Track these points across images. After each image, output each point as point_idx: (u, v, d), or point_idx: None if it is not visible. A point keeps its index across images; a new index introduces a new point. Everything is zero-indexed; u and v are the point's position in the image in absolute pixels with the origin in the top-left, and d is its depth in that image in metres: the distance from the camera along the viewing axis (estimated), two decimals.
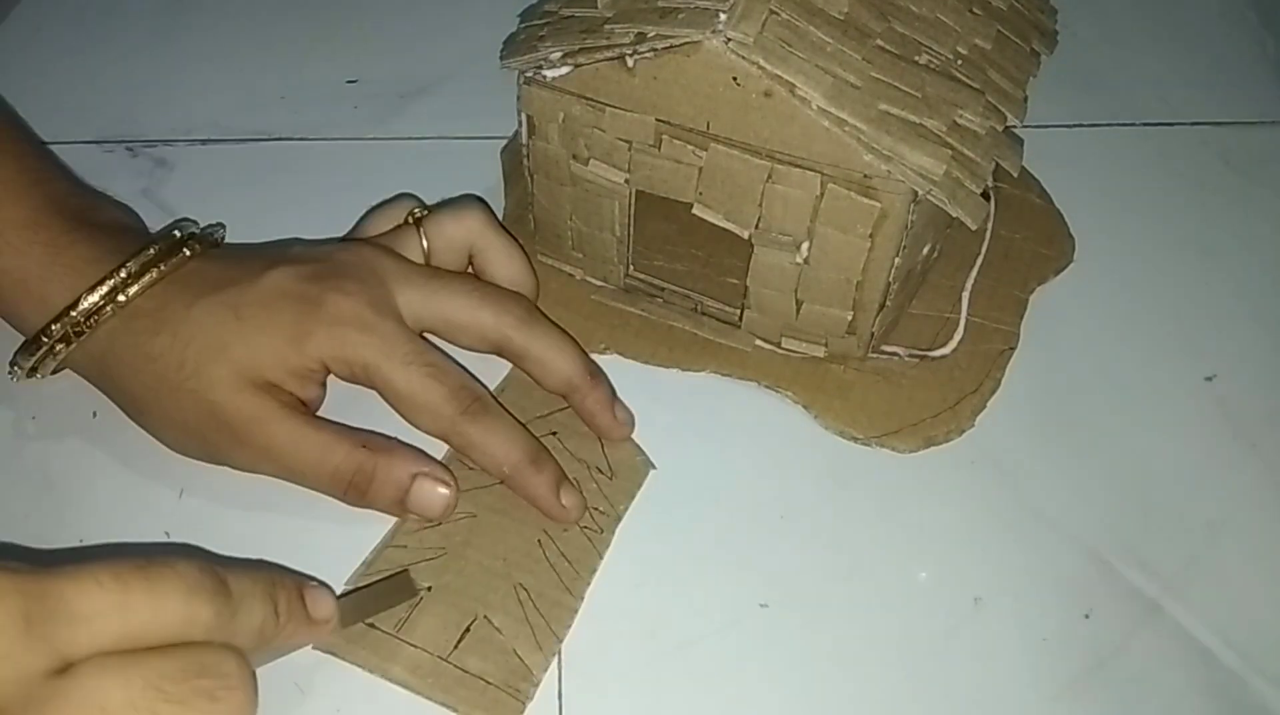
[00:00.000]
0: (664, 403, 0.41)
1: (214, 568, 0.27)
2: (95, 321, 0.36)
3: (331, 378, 0.38)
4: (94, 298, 0.36)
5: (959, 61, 0.37)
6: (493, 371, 0.40)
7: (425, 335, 0.38)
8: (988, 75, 0.37)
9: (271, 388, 0.36)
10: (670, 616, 0.36)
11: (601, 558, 0.37)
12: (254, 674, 0.27)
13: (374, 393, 0.37)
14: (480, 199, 0.43)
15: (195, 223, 0.39)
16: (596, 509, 0.38)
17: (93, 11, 0.55)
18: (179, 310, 0.36)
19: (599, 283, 0.44)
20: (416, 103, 0.52)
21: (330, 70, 0.53)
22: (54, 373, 0.38)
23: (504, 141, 0.49)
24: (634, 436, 0.40)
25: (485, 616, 0.35)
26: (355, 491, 0.36)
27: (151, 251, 0.37)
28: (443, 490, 0.36)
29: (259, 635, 0.28)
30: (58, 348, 0.36)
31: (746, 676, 0.35)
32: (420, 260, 0.40)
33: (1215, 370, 0.43)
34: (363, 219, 0.42)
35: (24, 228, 0.37)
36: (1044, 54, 0.40)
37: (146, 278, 0.36)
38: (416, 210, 0.41)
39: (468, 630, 0.34)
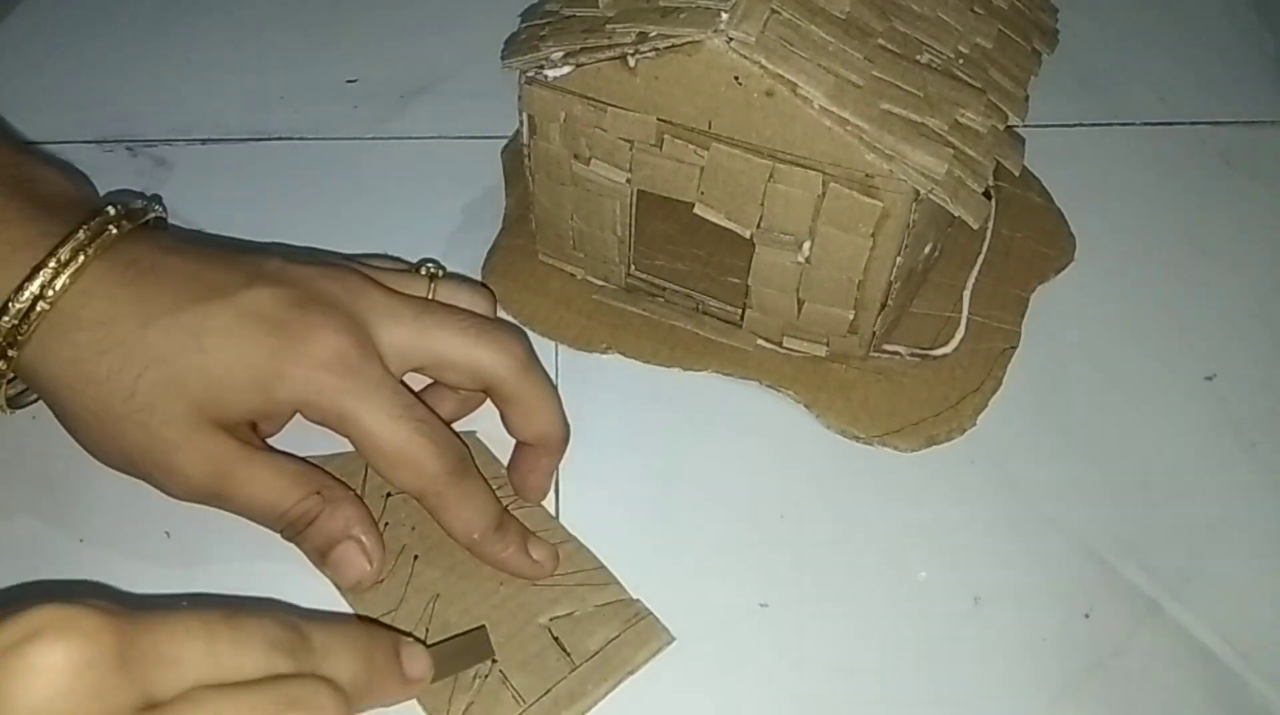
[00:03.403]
0: (665, 402, 0.41)
1: (299, 623, 0.26)
2: (27, 327, 0.32)
3: None
4: (24, 298, 0.31)
5: (960, 60, 0.37)
6: None
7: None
8: (989, 74, 0.37)
9: (230, 426, 0.33)
10: (670, 616, 0.36)
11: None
12: (348, 705, 0.26)
13: None
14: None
15: (140, 196, 0.36)
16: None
17: (93, 11, 0.55)
18: (132, 329, 0.32)
19: (600, 282, 0.44)
20: (416, 103, 0.52)
21: (330, 70, 0.53)
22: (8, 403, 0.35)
23: (504, 141, 0.49)
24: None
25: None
26: (290, 530, 0.34)
27: (81, 234, 0.32)
28: (363, 565, 0.34)
29: (349, 688, 0.27)
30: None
31: (746, 676, 0.35)
32: None
33: (1215, 370, 0.43)
34: (369, 258, 0.40)
35: None
36: (1045, 53, 0.40)
37: (72, 267, 0.32)
38: (432, 266, 0.39)
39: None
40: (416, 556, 0.36)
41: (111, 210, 0.33)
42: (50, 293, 0.32)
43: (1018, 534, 0.38)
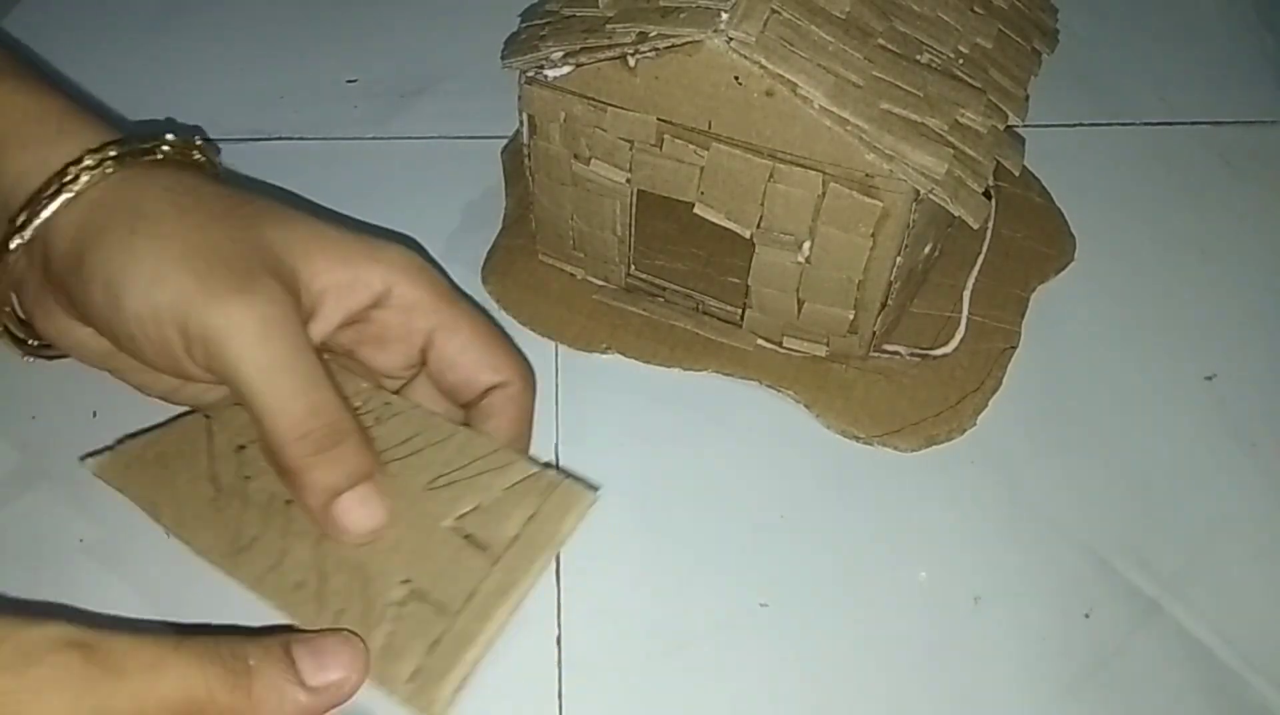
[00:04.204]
0: (665, 402, 0.41)
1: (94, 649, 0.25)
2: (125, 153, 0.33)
3: None
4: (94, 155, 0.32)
5: (960, 60, 0.37)
6: None
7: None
8: (989, 74, 0.37)
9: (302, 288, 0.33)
10: (670, 616, 0.36)
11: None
12: None
13: None
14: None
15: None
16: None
17: (93, 11, 0.55)
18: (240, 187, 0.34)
19: (600, 282, 0.44)
20: (416, 103, 0.52)
21: (330, 70, 0.53)
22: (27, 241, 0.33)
23: (504, 141, 0.49)
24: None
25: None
26: (308, 444, 0.30)
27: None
28: (379, 516, 0.31)
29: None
30: (82, 173, 0.32)
31: (746, 676, 0.35)
32: None
33: (1215, 370, 0.43)
34: None
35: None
36: (1045, 53, 0.40)
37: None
38: None
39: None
40: (289, 501, 0.32)
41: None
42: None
43: (1018, 534, 0.38)
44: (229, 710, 0.27)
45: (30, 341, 0.37)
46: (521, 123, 0.40)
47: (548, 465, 0.33)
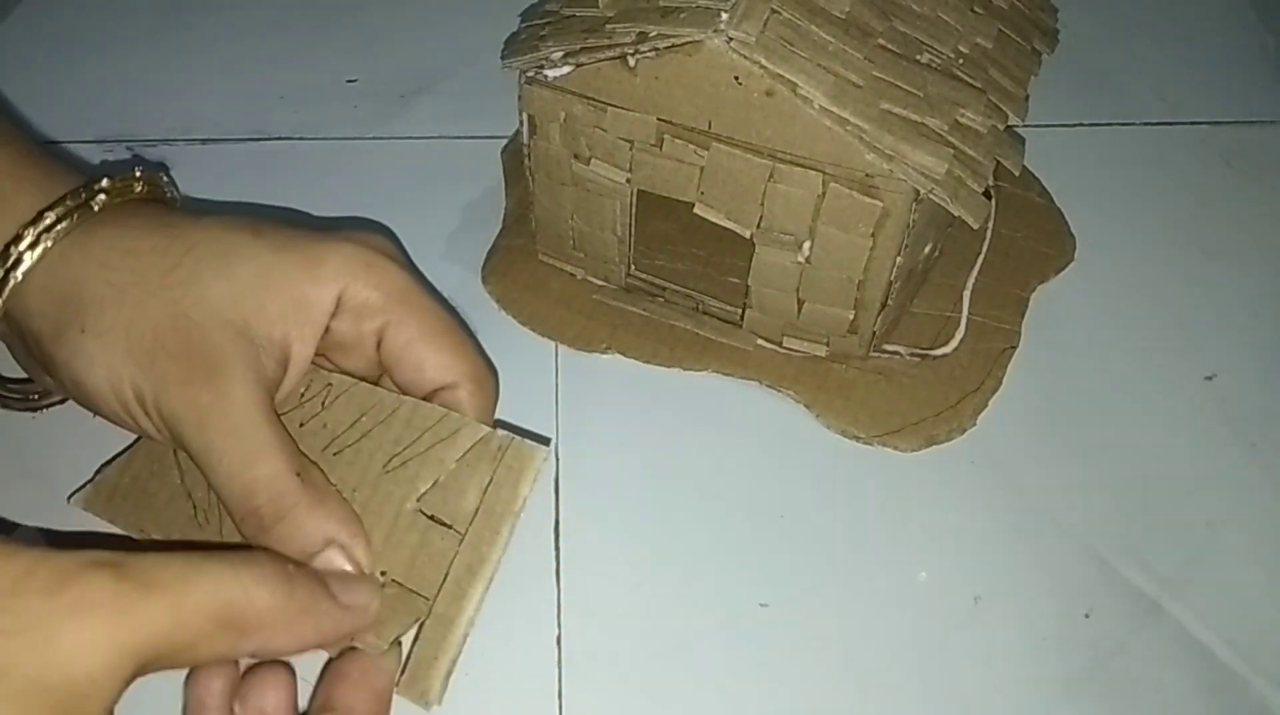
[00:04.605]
0: (665, 402, 0.41)
1: None
2: (71, 220, 0.33)
3: None
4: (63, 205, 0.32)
5: (960, 60, 0.37)
6: None
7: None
8: (989, 74, 0.37)
9: (258, 342, 0.32)
10: (670, 616, 0.36)
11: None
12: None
13: None
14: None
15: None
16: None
17: (93, 11, 0.55)
18: (183, 218, 0.33)
19: (600, 282, 0.44)
20: (416, 103, 0.52)
21: (330, 70, 0.53)
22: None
23: (504, 141, 0.49)
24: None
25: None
26: (254, 522, 0.30)
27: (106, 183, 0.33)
28: (349, 570, 0.31)
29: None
30: (24, 255, 0.32)
31: (746, 676, 0.35)
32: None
33: (1215, 370, 0.43)
34: None
35: None
36: (1045, 53, 0.40)
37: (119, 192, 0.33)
38: None
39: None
40: None
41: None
42: (100, 198, 0.33)
43: (1018, 533, 0.38)
44: (269, 613, 0.27)
45: (30, 396, 0.38)
46: (521, 123, 0.40)
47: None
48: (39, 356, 0.34)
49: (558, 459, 0.39)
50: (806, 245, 0.37)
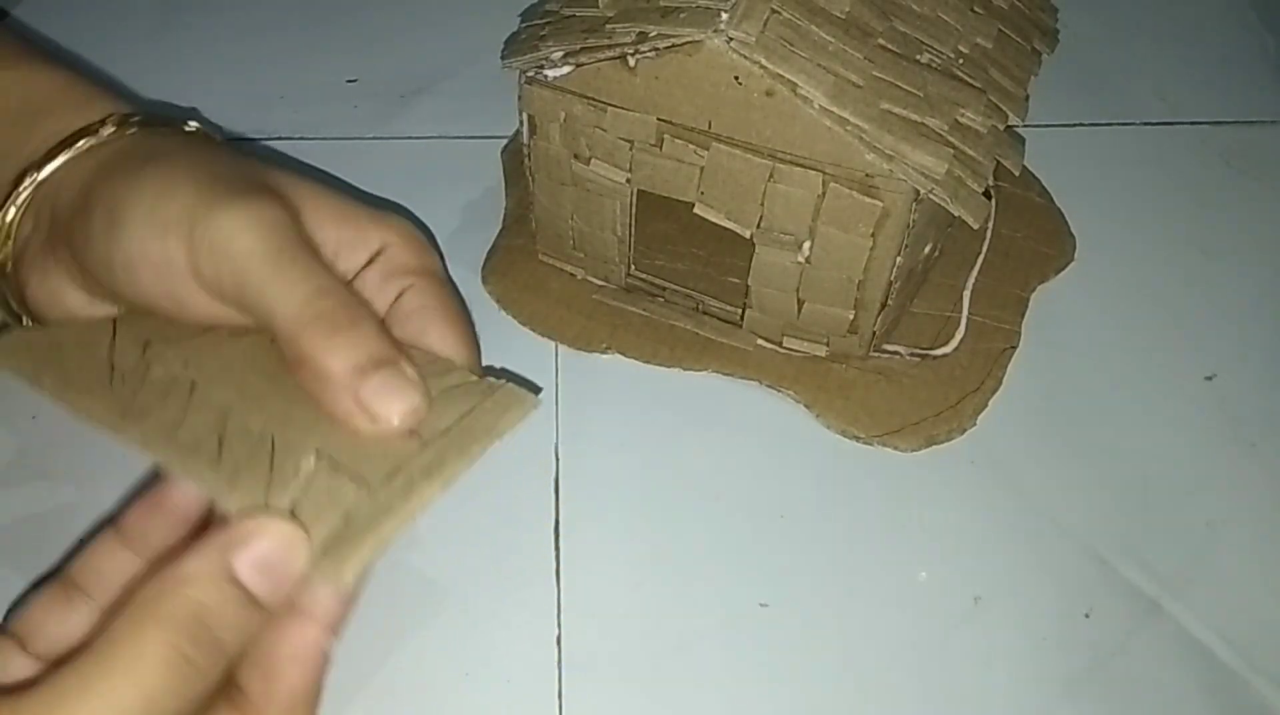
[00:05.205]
0: (665, 402, 0.41)
1: None
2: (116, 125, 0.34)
3: None
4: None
5: (960, 60, 0.37)
6: None
7: None
8: (989, 74, 0.37)
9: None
10: (670, 616, 0.36)
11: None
12: None
13: None
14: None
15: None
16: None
17: (93, 11, 0.55)
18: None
19: (600, 282, 0.44)
20: (416, 103, 0.52)
21: (330, 70, 0.53)
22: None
23: (504, 141, 0.49)
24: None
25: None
26: (324, 325, 0.29)
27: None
28: (416, 396, 0.29)
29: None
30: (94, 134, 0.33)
31: (746, 676, 0.35)
32: None
33: (1215, 370, 0.43)
34: None
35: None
36: (1045, 53, 0.40)
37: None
38: None
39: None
40: (194, 383, 0.30)
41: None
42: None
43: (1018, 533, 0.38)
44: (215, 679, 0.26)
45: (16, 320, 0.36)
46: (521, 123, 0.40)
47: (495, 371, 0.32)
48: (60, 225, 0.33)
49: (558, 459, 0.39)
50: (806, 245, 0.37)
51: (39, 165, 0.33)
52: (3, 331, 0.34)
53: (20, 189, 0.33)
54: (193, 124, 0.36)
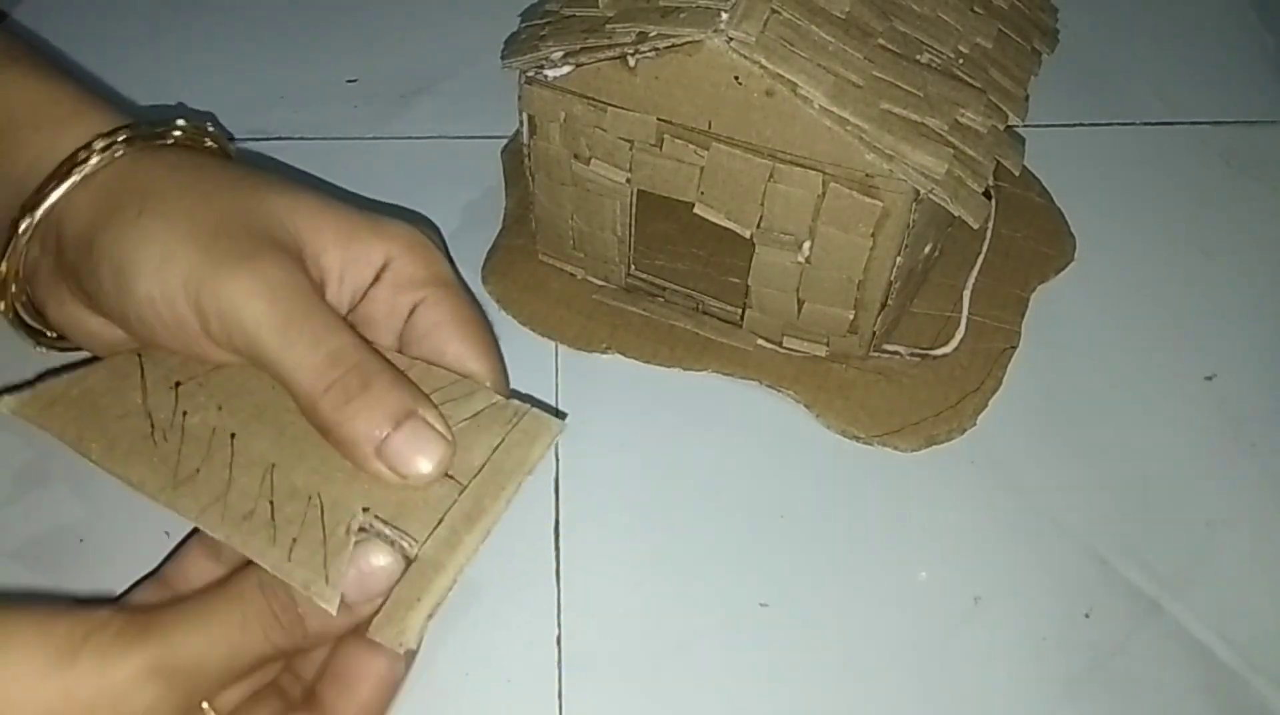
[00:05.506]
0: (665, 402, 0.41)
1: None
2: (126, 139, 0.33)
3: None
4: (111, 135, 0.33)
5: (960, 60, 0.37)
6: None
7: None
8: (989, 74, 0.37)
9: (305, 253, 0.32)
10: (670, 616, 0.36)
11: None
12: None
13: None
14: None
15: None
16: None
17: (93, 11, 0.55)
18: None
19: (600, 282, 0.44)
20: (416, 103, 0.52)
21: (330, 70, 0.53)
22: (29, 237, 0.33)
23: (504, 141, 0.49)
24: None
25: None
26: (337, 394, 0.29)
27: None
28: (441, 446, 0.30)
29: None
30: (93, 156, 0.32)
31: (746, 676, 0.35)
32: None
33: (1215, 370, 0.43)
34: None
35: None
36: (1045, 53, 0.40)
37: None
38: None
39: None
40: (234, 434, 0.31)
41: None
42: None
43: (1018, 533, 0.38)
44: (291, 650, 0.29)
45: (45, 332, 0.36)
46: (521, 123, 0.40)
47: (522, 396, 0.32)
48: (68, 264, 0.33)
49: (558, 459, 0.39)
50: (806, 245, 0.37)
51: (31, 208, 0.33)
52: (32, 381, 0.34)
53: (19, 236, 0.33)
54: (179, 127, 0.35)
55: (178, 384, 0.32)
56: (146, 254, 0.31)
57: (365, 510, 0.29)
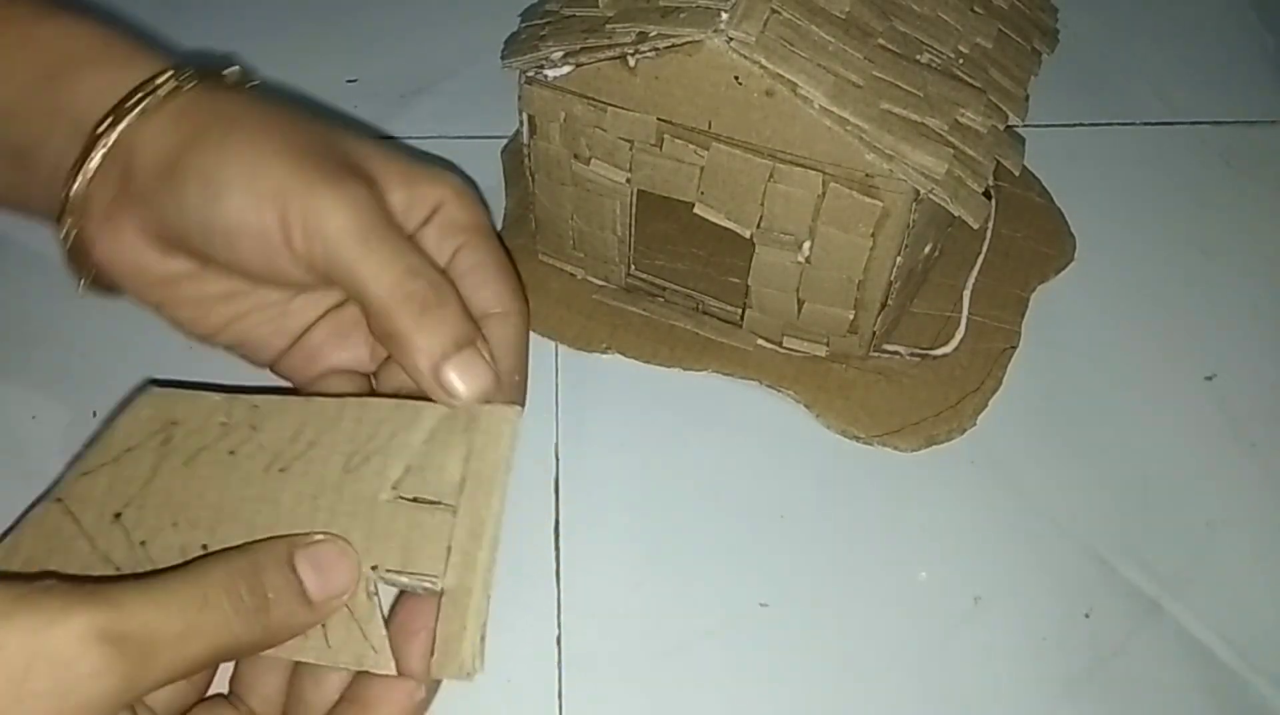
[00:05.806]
0: (665, 402, 0.41)
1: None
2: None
3: None
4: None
5: (960, 60, 0.37)
6: None
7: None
8: (989, 74, 0.37)
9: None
10: (670, 616, 0.36)
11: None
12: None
13: None
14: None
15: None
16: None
17: (93, 11, 0.55)
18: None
19: (600, 282, 0.44)
20: (416, 103, 0.52)
21: (330, 70, 0.53)
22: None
23: (504, 141, 0.49)
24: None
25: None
26: (414, 305, 0.31)
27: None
28: (490, 378, 0.31)
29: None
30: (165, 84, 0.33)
31: (746, 676, 0.35)
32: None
33: (1215, 370, 0.43)
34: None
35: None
36: (1045, 53, 0.40)
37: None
38: None
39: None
40: (205, 545, 0.31)
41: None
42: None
43: (1018, 533, 0.38)
44: (250, 645, 0.28)
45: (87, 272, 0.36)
46: (521, 123, 0.40)
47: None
48: (137, 190, 0.33)
49: (558, 459, 0.39)
50: (806, 245, 0.37)
51: (105, 132, 0.33)
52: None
53: (90, 159, 0.33)
54: (233, 69, 0.36)
55: (117, 515, 0.32)
56: (237, 169, 0.32)
57: (374, 568, 0.30)
